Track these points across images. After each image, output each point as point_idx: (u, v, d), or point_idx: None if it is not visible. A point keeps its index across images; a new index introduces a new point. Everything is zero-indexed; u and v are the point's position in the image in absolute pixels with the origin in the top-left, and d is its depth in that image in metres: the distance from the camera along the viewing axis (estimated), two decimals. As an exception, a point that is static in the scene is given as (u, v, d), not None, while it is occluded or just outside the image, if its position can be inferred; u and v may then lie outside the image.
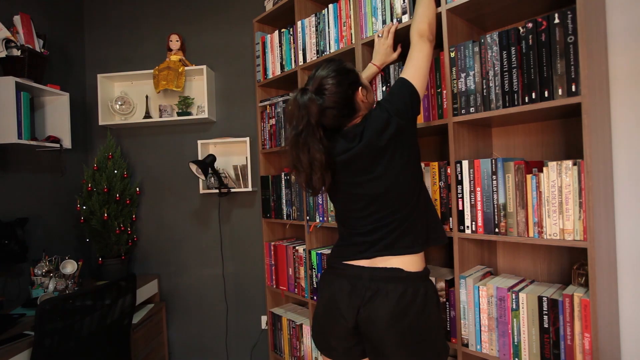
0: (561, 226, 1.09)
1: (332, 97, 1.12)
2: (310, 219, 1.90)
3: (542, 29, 1.10)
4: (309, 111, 1.09)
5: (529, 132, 1.43)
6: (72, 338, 1.50)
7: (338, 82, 1.13)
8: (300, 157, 1.12)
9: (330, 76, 1.13)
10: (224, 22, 2.53)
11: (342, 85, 1.13)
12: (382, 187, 1.12)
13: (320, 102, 1.11)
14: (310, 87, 1.14)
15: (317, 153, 1.10)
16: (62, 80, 2.41)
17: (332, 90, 1.12)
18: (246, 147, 2.39)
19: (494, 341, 1.26)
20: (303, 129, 1.10)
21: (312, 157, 1.10)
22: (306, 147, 1.10)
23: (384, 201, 1.13)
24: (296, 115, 1.11)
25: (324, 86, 1.12)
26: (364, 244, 1.16)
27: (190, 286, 2.60)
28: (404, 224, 1.13)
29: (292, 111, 1.13)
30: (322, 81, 1.13)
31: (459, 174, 1.30)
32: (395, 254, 1.12)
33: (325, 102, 1.12)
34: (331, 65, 1.15)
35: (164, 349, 2.53)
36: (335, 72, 1.13)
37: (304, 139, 1.10)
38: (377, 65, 1.47)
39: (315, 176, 1.12)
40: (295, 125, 1.12)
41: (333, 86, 1.12)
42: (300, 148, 1.11)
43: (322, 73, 1.14)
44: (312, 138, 1.10)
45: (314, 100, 1.10)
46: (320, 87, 1.13)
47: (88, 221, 2.31)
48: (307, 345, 1.98)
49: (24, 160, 2.13)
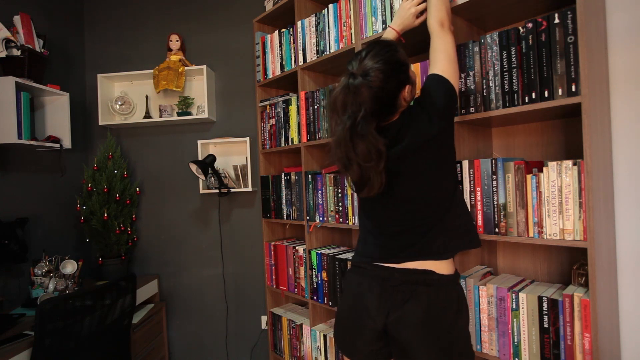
0: (561, 226, 1.09)
1: (376, 91, 1.01)
2: (310, 219, 1.90)
3: (542, 29, 1.10)
4: (363, 98, 0.99)
5: (529, 132, 1.43)
6: (72, 338, 1.50)
7: (387, 77, 1.01)
8: (357, 148, 0.99)
9: (379, 69, 1.00)
10: (224, 22, 2.53)
11: (391, 82, 1.02)
12: (419, 188, 1.07)
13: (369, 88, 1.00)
14: (356, 71, 1.02)
15: (379, 144, 0.99)
16: (62, 80, 2.40)
17: (378, 84, 1.00)
18: (246, 147, 2.39)
19: (494, 341, 1.26)
20: (361, 119, 0.99)
21: (372, 148, 0.99)
22: (366, 138, 0.98)
23: (418, 202, 1.08)
24: (350, 104, 1.00)
25: (369, 76, 1.00)
26: (394, 247, 1.11)
27: (190, 286, 2.60)
28: (437, 225, 1.08)
29: (343, 99, 1.01)
30: (369, 71, 1.00)
31: (459, 174, 1.30)
32: (427, 259, 1.07)
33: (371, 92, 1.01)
34: (382, 54, 1.02)
35: (164, 349, 2.53)
36: (386, 65, 1.01)
37: (363, 130, 0.98)
38: (398, 30, 1.32)
39: (376, 170, 1.00)
40: (350, 115, 1.00)
41: (379, 80, 1.00)
42: (358, 139, 0.99)
43: (370, 63, 1.01)
44: (371, 128, 0.99)
45: (365, 84, 0.99)
46: (366, 75, 1.00)
47: (88, 221, 2.31)
48: (307, 345, 1.98)
49: (24, 160, 2.13)
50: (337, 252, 1.84)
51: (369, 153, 0.99)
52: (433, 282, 1.06)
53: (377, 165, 1.00)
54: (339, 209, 1.74)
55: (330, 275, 1.79)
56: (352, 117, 1.00)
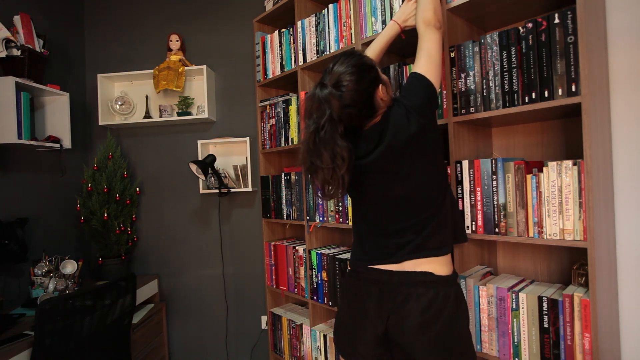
0: (561, 226, 1.09)
1: (351, 94, 1.03)
2: (310, 219, 1.90)
3: (542, 29, 1.10)
4: (331, 105, 1.01)
5: (529, 132, 1.43)
6: (72, 338, 1.50)
7: (358, 79, 1.03)
8: (321, 153, 1.01)
9: (348, 72, 1.03)
10: (224, 22, 2.53)
11: (362, 83, 1.04)
12: (409, 187, 1.08)
13: (339, 98, 1.03)
14: (328, 82, 1.05)
15: (342, 149, 1.01)
16: (62, 80, 2.40)
17: (351, 87, 1.03)
18: (246, 147, 2.39)
19: (494, 341, 1.26)
20: (325, 123, 1.00)
21: (335, 153, 1.01)
22: (329, 143, 1.00)
23: (411, 201, 1.09)
24: (315, 110, 1.03)
25: (341, 82, 1.03)
26: (391, 246, 1.11)
27: (190, 286, 2.60)
28: (431, 223, 1.08)
29: (310, 107, 1.04)
30: (340, 77, 1.03)
31: (459, 174, 1.30)
32: (424, 256, 1.08)
33: (344, 100, 1.03)
34: (350, 60, 1.06)
35: (164, 349, 2.53)
36: (354, 68, 1.04)
37: (326, 134, 1.00)
38: (400, 24, 1.32)
39: (337, 175, 1.02)
40: (315, 120, 1.02)
41: (352, 83, 1.03)
42: (322, 144, 1.01)
43: (340, 69, 1.04)
44: (335, 134, 1.01)
45: (334, 94, 1.02)
46: (338, 83, 1.03)
47: (88, 221, 2.31)
48: (307, 345, 1.98)
49: (24, 160, 2.13)
50: (337, 252, 1.84)
51: (332, 159, 1.01)
52: (432, 284, 1.06)
53: (339, 169, 1.01)
54: (339, 209, 1.74)
55: (330, 275, 1.79)
56: (316, 122, 1.02)
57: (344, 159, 1.01)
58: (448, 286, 1.08)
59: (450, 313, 1.05)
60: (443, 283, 1.07)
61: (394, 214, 1.11)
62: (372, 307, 1.09)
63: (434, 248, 1.08)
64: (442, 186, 1.12)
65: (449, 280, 1.09)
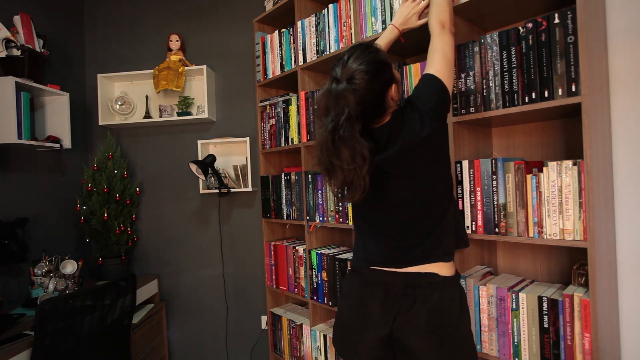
0: (561, 226, 1.09)
1: (363, 93, 0.99)
2: (310, 219, 1.90)
3: (542, 29, 1.10)
4: (347, 102, 0.97)
5: (529, 132, 1.43)
6: (72, 338, 1.50)
7: (371, 79, 0.99)
8: (341, 152, 0.97)
9: (363, 70, 0.99)
10: (224, 22, 2.53)
11: (377, 82, 1.00)
12: (416, 190, 1.06)
13: (354, 93, 0.99)
14: (341, 77, 1.00)
15: (362, 148, 0.96)
16: (62, 80, 2.40)
17: (364, 86, 0.99)
18: (246, 147, 2.39)
19: (494, 341, 1.26)
20: (344, 121, 0.96)
21: (356, 152, 0.96)
22: (349, 141, 0.96)
23: (416, 204, 1.07)
24: (333, 107, 0.99)
25: (354, 79, 0.99)
26: (397, 249, 1.09)
27: (190, 286, 2.60)
28: (437, 228, 1.07)
29: (327, 103, 1.01)
30: (354, 74, 0.99)
31: (459, 174, 1.30)
32: (433, 261, 1.07)
33: (357, 96, 0.99)
34: (366, 56, 1.01)
35: (164, 349, 2.53)
36: (370, 66, 1.00)
37: (345, 132, 0.96)
38: (399, 27, 1.30)
39: (358, 175, 0.98)
40: (334, 117, 0.98)
41: (365, 82, 0.99)
42: (342, 142, 0.97)
43: (354, 65, 1.00)
44: (355, 131, 0.97)
45: (349, 89, 0.98)
46: (352, 79, 0.99)
47: (88, 221, 2.31)
48: (307, 345, 1.98)
49: (24, 160, 2.13)
50: (337, 252, 1.84)
51: (353, 158, 0.97)
52: (437, 284, 1.06)
53: (360, 169, 0.98)
54: (339, 209, 1.74)
55: (330, 275, 1.79)
56: (334, 120, 0.98)
57: (364, 158, 0.97)
58: (452, 287, 1.08)
59: (455, 314, 1.05)
60: (447, 284, 1.07)
61: (398, 217, 1.10)
62: (377, 309, 1.08)
63: (438, 255, 1.07)
64: (447, 190, 1.11)
65: (453, 280, 1.09)
